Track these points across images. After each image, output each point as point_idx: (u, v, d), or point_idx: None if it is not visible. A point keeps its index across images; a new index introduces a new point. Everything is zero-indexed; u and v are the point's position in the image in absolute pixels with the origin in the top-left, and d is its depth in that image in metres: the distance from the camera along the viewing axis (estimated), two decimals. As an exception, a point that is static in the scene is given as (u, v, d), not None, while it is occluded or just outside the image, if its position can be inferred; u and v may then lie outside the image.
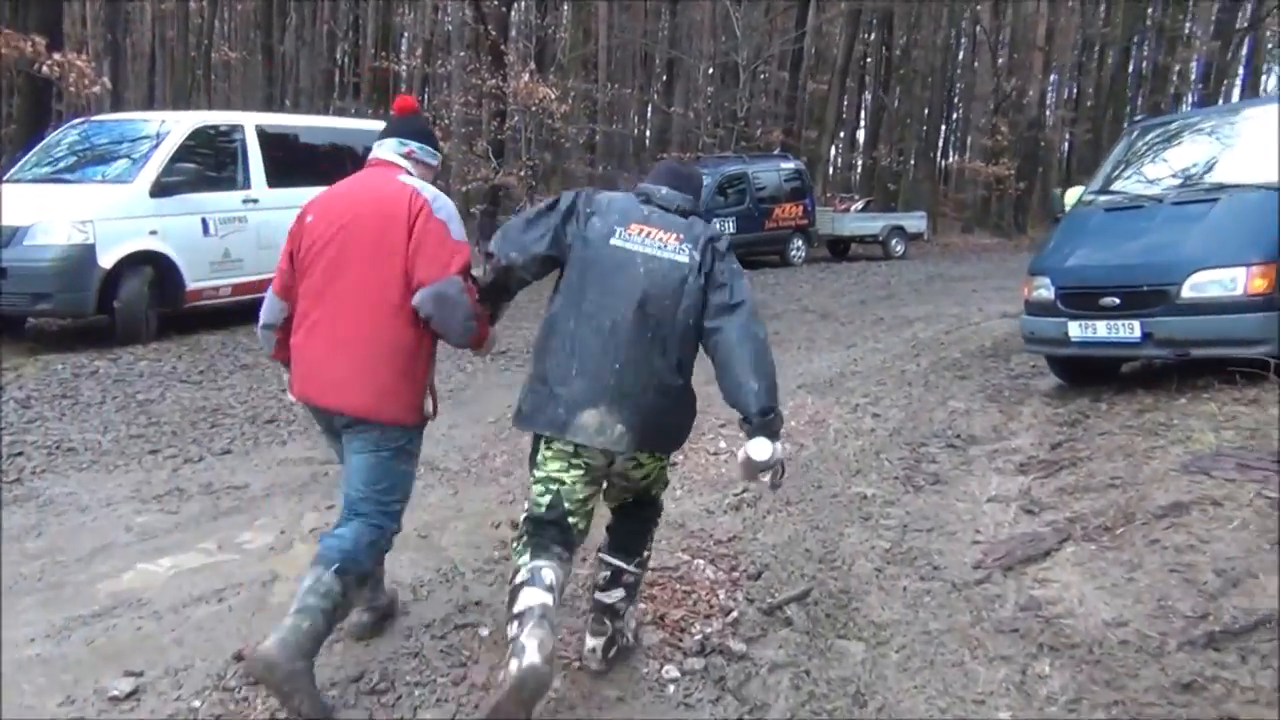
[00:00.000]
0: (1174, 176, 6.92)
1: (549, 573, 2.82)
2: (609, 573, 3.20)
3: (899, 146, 28.02)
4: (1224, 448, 4.82)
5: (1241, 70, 33.07)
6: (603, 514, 3.28)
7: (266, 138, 10.22)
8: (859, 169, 34.91)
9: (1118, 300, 6.37)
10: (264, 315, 3.27)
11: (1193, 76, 29.89)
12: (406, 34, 30.67)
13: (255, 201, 9.82)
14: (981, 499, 5.08)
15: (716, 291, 2.94)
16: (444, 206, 3.08)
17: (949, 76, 31.40)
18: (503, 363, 8.89)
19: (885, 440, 6.31)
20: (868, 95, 33.36)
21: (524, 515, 3.00)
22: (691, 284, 2.92)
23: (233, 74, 29.34)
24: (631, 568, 3.21)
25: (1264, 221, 6.08)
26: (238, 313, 9.55)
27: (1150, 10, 25.37)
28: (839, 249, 20.50)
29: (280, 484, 5.28)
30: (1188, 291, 6.07)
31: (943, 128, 36.30)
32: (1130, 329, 6.31)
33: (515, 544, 3.00)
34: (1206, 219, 6.28)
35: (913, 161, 28.90)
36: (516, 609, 2.75)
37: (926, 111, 31.84)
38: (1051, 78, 29.73)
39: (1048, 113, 31.22)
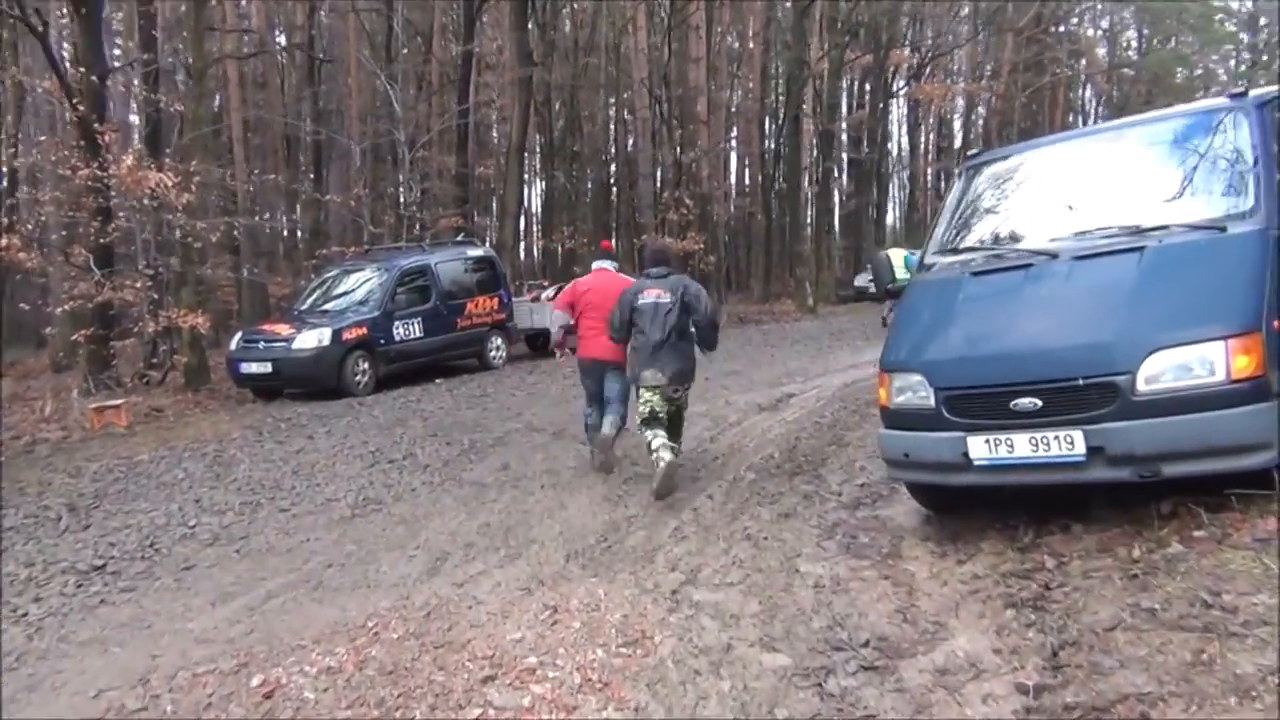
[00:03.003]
0: (1051, 224, 5.10)
1: (662, 434, 6.66)
2: (673, 445, 6.74)
3: (580, 227, 26.50)
4: None
5: (896, 130, 34.85)
6: None
7: None
8: (536, 253, 33.23)
9: (1038, 402, 4.39)
10: (559, 321, 7.76)
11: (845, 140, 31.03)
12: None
13: None
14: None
15: (696, 309, 6.75)
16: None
17: (617, 153, 30.63)
18: (100, 587, 5.58)
19: (763, 671, 3.86)
20: (538, 178, 31.95)
21: (638, 418, 6.83)
22: (677, 309, 6.67)
23: None
24: (677, 445, 6.93)
25: (1222, 276, 4.34)
26: None
27: (812, 82, 25.79)
28: (538, 343, 18.23)
29: None
30: (1145, 384, 4.17)
31: (613, 207, 35.50)
32: (1068, 443, 4.33)
33: (639, 429, 6.85)
34: (1139, 278, 4.45)
35: (592, 245, 27.45)
36: (653, 447, 6.54)
37: (592, 189, 30.81)
38: (725, 147, 29.70)
39: (718, 185, 31.16)
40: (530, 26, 22.96)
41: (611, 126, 32.91)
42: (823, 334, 18.74)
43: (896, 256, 20.60)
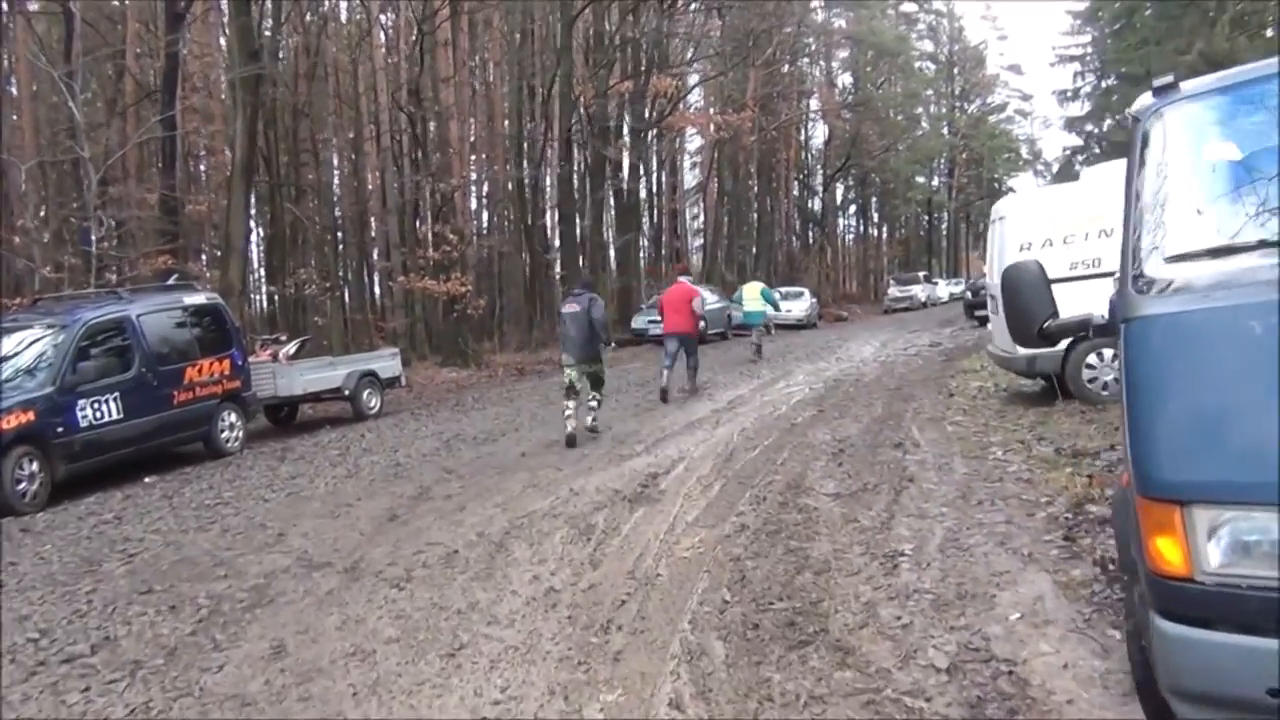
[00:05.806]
0: None
1: (571, 402, 10.71)
2: (593, 397, 11.19)
3: (321, 269, 22.56)
4: None
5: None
6: None
7: None
8: (260, 302, 28.64)
9: None
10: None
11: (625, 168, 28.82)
12: None
13: None
14: None
15: (592, 317, 10.83)
16: (701, 293, 15.44)
17: (358, 186, 26.80)
18: None
19: None
20: (257, 222, 27.51)
21: (563, 387, 11.25)
22: (584, 317, 10.74)
23: None
24: (599, 395, 11.30)
25: None
26: None
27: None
28: (279, 415, 14.39)
29: None
30: None
31: (338, 249, 31.41)
32: None
33: (563, 398, 11.10)
34: None
35: (335, 290, 23.51)
36: (565, 415, 10.70)
37: (320, 227, 26.89)
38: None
39: (466, 221, 28.07)
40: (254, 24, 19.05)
41: (336, 156, 29.15)
42: (625, 385, 16.14)
43: (752, 290, 19.45)
